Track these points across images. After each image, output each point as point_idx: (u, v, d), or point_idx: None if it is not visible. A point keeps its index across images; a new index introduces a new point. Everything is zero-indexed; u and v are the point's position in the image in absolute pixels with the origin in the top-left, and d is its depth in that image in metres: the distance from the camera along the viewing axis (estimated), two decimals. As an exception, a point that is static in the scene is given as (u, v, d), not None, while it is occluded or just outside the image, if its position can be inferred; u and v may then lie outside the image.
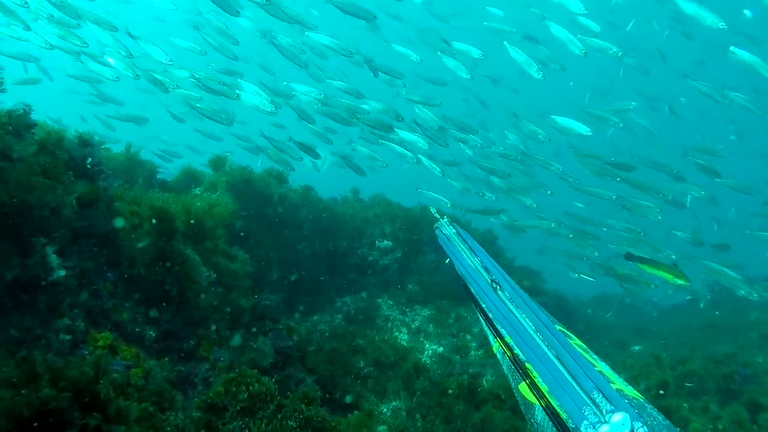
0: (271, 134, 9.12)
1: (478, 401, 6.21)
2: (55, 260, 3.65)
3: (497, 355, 2.11)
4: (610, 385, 1.71)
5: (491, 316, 2.16)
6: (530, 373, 1.83)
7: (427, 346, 8.29)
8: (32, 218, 3.49)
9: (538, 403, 1.72)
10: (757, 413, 6.59)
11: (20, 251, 3.42)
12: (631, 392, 1.80)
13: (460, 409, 6.00)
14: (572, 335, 2.17)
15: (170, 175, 8.33)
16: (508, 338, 2.02)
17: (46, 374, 1.95)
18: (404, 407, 6.30)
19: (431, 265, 9.70)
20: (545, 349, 1.92)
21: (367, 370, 6.87)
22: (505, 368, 2.03)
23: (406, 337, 8.48)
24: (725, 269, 8.80)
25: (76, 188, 3.95)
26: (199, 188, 7.64)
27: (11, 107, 3.73)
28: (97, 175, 4.26)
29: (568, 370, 1.78)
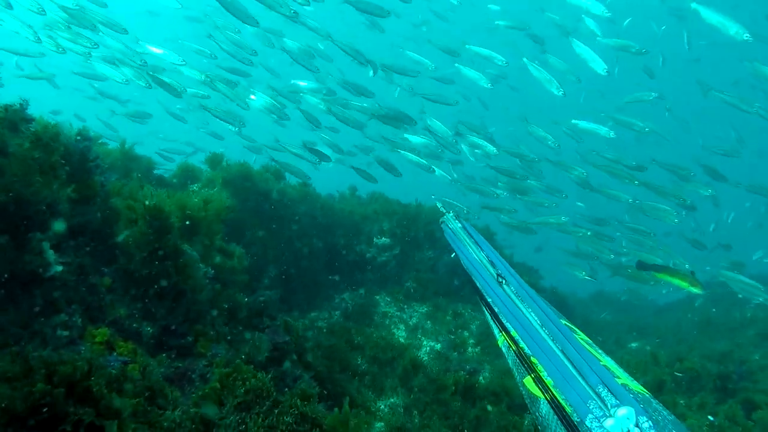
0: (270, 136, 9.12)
1: (475, 398, 6.22)
2: (52, 256, 3.64)
3: (502, 348, 2.10)
4: (615, 379, 1.70)
5: (496, 310, 2.16)
6: (535, 367, 1.82)
7: (424, 342, 8.30)
8: (28, 213, 3.48)
9: (543, 396, 1.71)
10: (752, 411, 6.62)
11: (17, 247, 3.41)
12: (636, 387, 1.79)
13: (457, 405, 6.02)
14: (577, 330, 2.16)
15: (169, 171, 8.32)
16: (513, 332, 2.01)
17: (41, 369, 1.95)
18: (402, 404, 6.31)
19: (429, 262, 9.71)
20: (550, 343, 1.92)
21: (364, 366, 6.89)
22: (510, 362, 2.02)
23: (403, 333, 8.48)
24: (742, 278, 8.77)
25: (72, 183, 3.94)
26: (196, 185, 7.63)
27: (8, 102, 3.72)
28: (93, 170, 4.25)
29: (573, 364, 1.78)
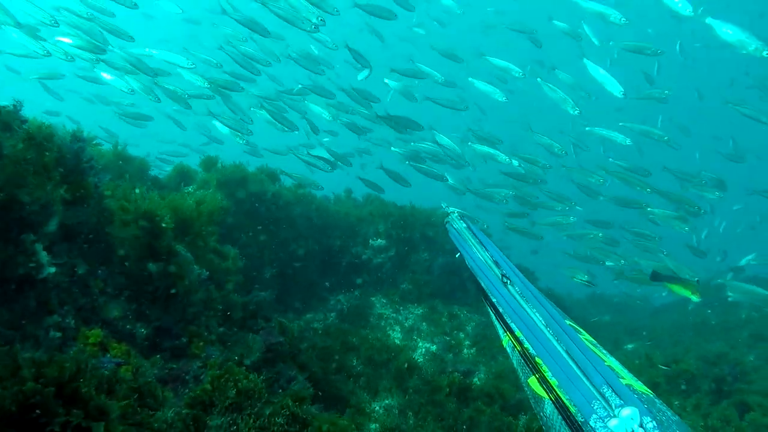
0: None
1: (469, 399, 6.23)
2: (45, 257, 3.63)
3: (507, 349, 2.09)
4: (619, 380, 1.71)
5: (501, 310, 2.16)
6: (540, 367, 1.83)
7: (420, 344, 8.31)
8: (22, 214, 3.47)
9: (547, 397, 1.71)
10: (745, 412, 6.66)
11: (9, 248, 3.41)
12: (640, 387, 1.79)
13: (452, 406, 6.02)
14: (582, 330, 2.17)
15: (165, 173, 8.34)
16: (518, 332, 2.02)
17: (31, 368, 1.94)
18: (397, 405, 6.31)
19: (425, 263, 9.72)
20: (555, 343, 1.92)
21: (360, 368, 6.89)
22: (514, 362, 2.01)
23: (399, 335, 8.49)
24: (756, 288, 8.83)
25: (66, 184, 3.93)
26: (191, 186, 7.63)
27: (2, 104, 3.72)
28: (87, 171, 4.24)
29: (577, 364, 1.79)
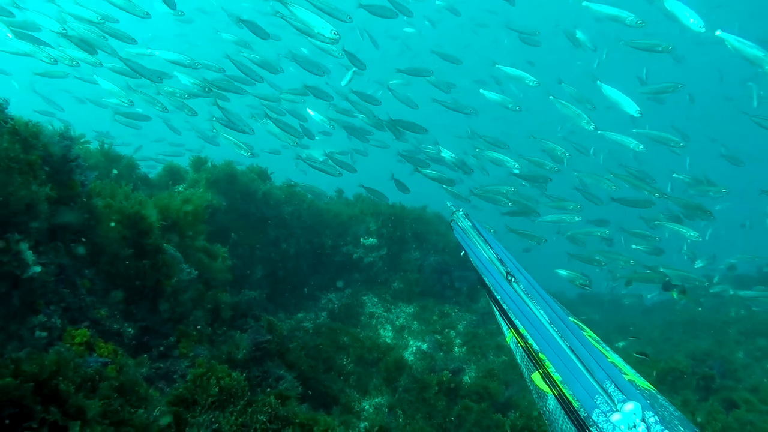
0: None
1: (459, 397, 6.26)
2: (30, 257, 3.62)
3: (510, 345, 2.13)
4: (622, 375, 1.74)
5: (505, 307, 2.20)
6: (544, 363, 1.86)
7: (411, 342, 8.33)
8: (5, 214, 3.46)
9: (550, 392, 1.75)
10: (731, 409, 6.73)
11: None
12: (642, 383, 1.82)
13: (441, 404, 6.05)
14: (585, 327, 2.20)
15: (154, 172, 8.32)
16: (522, 329, 2.05)
17: (9, 365, 1.94)
18: (386, 403, 6.34)
19: (416, 262, 9.74)
20: (559, 339, 1.95)
21: (350, 366, 6.90)
22: (518, 358, 2.05)
23: (390, 334, 8.51)
24: (760, 294, 8.98)
25: (52, 183, 3.92)
26: (181, 185, 7.61)
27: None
28: (74, 170, 4.23)
29: (580, 360, 1.82)
